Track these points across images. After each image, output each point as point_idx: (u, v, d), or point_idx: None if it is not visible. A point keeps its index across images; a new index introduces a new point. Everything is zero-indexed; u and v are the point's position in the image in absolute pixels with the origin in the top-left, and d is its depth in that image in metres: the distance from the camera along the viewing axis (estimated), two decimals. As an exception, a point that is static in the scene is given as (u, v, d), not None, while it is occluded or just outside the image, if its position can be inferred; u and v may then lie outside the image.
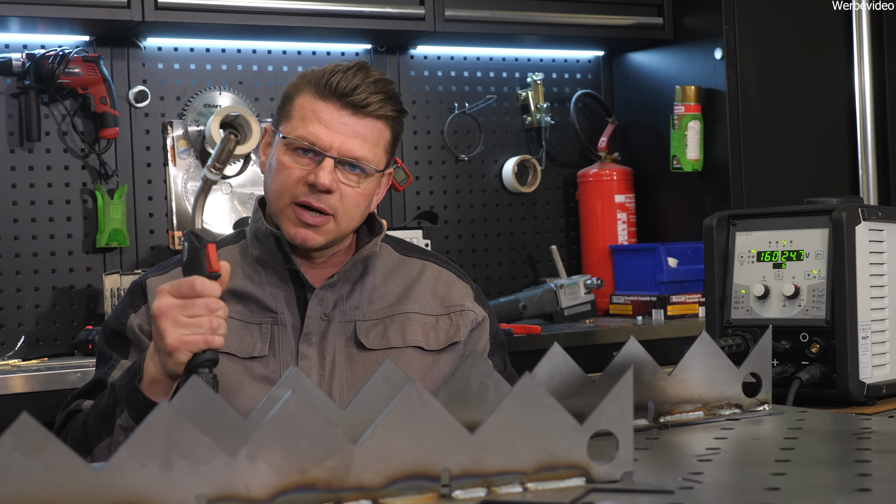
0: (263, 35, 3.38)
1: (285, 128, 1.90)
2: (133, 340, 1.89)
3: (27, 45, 3.16)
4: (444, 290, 2.01)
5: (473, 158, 3.77)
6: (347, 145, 1.85)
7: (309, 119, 1.86)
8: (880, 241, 1.96)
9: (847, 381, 1.89)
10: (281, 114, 1.93)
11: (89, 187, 3.23)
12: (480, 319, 2.03)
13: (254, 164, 3.41)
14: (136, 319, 1.89)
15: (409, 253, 2.05)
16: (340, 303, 1.93)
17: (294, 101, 1.90)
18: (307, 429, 0.97)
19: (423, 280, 2.01)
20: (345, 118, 1.86)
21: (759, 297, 2.00)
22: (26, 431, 0.87)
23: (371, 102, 1.86)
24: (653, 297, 3.51)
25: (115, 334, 1.91)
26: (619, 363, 1.41)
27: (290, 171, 1.86)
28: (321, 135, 1.85)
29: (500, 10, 3.47)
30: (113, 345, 1.91)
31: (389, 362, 1.34)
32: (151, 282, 1.92)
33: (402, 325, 1.95)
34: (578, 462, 1.09)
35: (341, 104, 1.86)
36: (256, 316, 1.90)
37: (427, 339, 1.96)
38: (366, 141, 1.87)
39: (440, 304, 2.00)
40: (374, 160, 1.89)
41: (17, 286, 3.15)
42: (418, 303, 1.98)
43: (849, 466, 1.18)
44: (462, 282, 2.05)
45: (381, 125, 1.90)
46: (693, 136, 3.57)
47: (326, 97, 1.87)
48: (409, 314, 1.96)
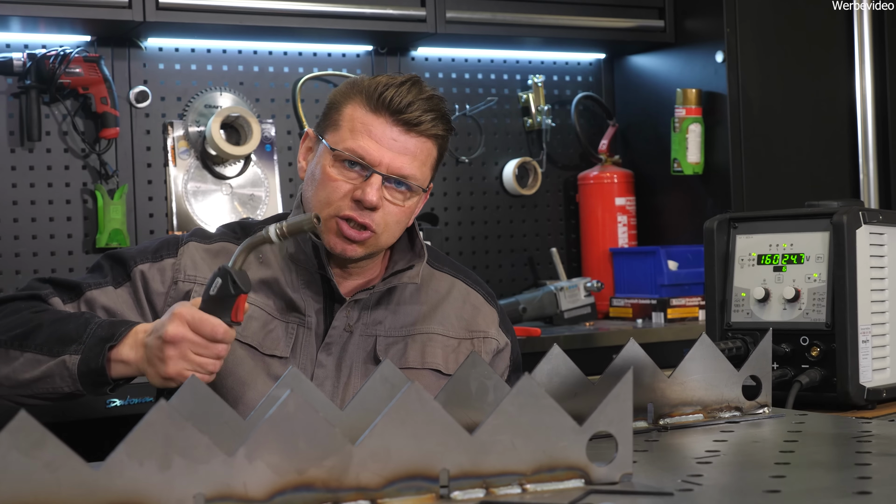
0: (264, 36, 3.38)
1: (333, 138, 1.86)
2: (131, 280, 1.87)
3: (28, 45, 3.16)
4: (470, 313, 1.99)
5: (474, 160, 3.77)
6: (397, 163, 1.82)
7: (359, 132, 1.82)
8: (881, 245, 1.96)
9: (847, 385, 1.88)
10: (327, 121, 1.89)
11: (90, 187, 3.23)
12: (502, 347, 2.00)
13: (254, 166, 3.41)
14: (148, 270, 1.87)
15: (440, 266, 2.02)
16: (364, 315, 1.91)
17: (343, 110, 1.86)
18: (306, 428, 0.97)
19: (449, 300, 1.98)
20: (396, 135, 1.82)
21: (759, 301, 2.00)
22: (24, 429, 0.87)
23: (424, 121, 1.83)
24: (653, 300, 3.50)
25: (122, 262, 1.89)
26: (619, 365, 1.40)
27: (337, 185, 1.83)
28: (371, 150, 1.81)
29: (501, 13, 3.47)
30: (113, 268, 1.88)
31: (388, 363, 1.34)
32: (193, 246, 1.91)
33: (422, 345, 1.92)
34: (577, 463, 1.08)
35: (394, 120, 1.82)
36: (284, 314, 1.88)
37: (447, 362, 1.93)
38: (415, 159, 1.84)
39: (465, 327, 1.97)
40: (421, 178, 1.86)
41: (17, 285, 3.14)
42: (442, 324, 1.95)
43: (848, 469, 1.17)
44: (489, 306, 2.02)
45: (430, 144, 1.87)
46: (694, 139, 3.57)
47: (379, 111, 1.83)
48: (432, 335, 1.94)
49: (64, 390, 1.73)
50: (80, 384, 1.71)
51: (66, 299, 1.85)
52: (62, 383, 1.72)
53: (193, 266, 1.89)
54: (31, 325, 1.75)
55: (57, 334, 1.72)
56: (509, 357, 2.02)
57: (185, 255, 1.90)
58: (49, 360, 1.71)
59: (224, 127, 3.33)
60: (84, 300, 1.85)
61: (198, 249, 1.91)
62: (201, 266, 1.89)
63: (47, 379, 1.72)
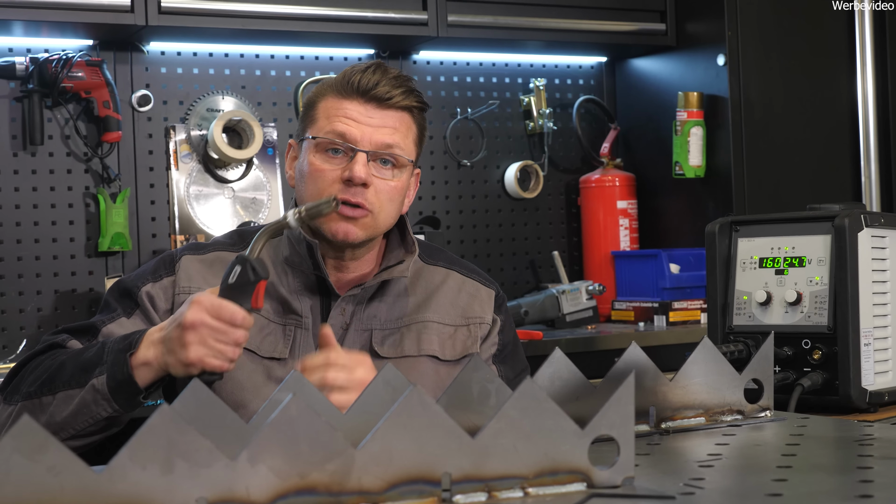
0: (266, 40, 3.39)
1: (312, 131, 1.91)
2: (140, 306, 1.90)
3: (31, 49, 3.16)
4: (466, 300, 2.00)
5: (476, 164, 3.78)
6: (378, 136, 1.87)
7: (335, 117, 1.88)
8: (882, 248, 1.96)
9: (849, 388, 1.88)
10: (305, 122, 1.94)
11: (92, 191, 3.23)
12: (493, 324, 2.01)
13: (256, 169, 3.41)
14: (151, 289, 1.90)
15: (434, 261, 2.04)
16: (359, 311, 1.93)
17: (317, 105, 1.92)
18: (308, 432, 0.97)
19: (444, 289, 2.00)
20: (371, 111, 1.88)
21: (761, 304, 2.00)
22: (27, 433, 0.87)
23: (394, 95, 1.89)
24: (655, 304, 3.50)
25: (127, 292, 1.91)
26: (621, 368, 1.40)
27: (324, 173, 1.87)
28: (350, 129, 1.87)
29: (502, 16, 3.48)
30: (120, 300, 1.91)
31: (391, 366, 1.34)
32: (186, 260, 1.93)
33: (418, 333, 1.94)
34: (579, 467, 1.08)
35: (365, 99, 1.88)
36: (281, 317, 1.91)
37: (443, 348, 1.95)
38: (396, 131, 1.89)
39: (460, 314, 1.99)
40: (406, 149, 1.91)
41: (20, 289, 3.15)
42: (437, 312, 1.97)
43: (850, 473, 1.17)
44: (486, 288, 2.04)
45: (407, 117, 1.92)
46: (695, 142, 3.57)
47: (350, 95, 1.89)
48: (427, 323, 1.96)
49: (102, 415, 1.75)
50: (114, 403, 1.73)
51: (84, 341, 1.87)
52: (98, 408, 1.74)
53: (188, 279, 1.92)
54: (54, 368, 1.78)
55: (80, 366, 1.75)
56: (497, 333, 2.01)
57: (181, 270, 1.92)
58: (79, 391, 1.74)
59: (226, 130, 3.33)
60: (101, 336, 1.87)
61: (192, 262, 1.94)
62: (195, 277, 1.92)
63: (84, 410, 1.74)
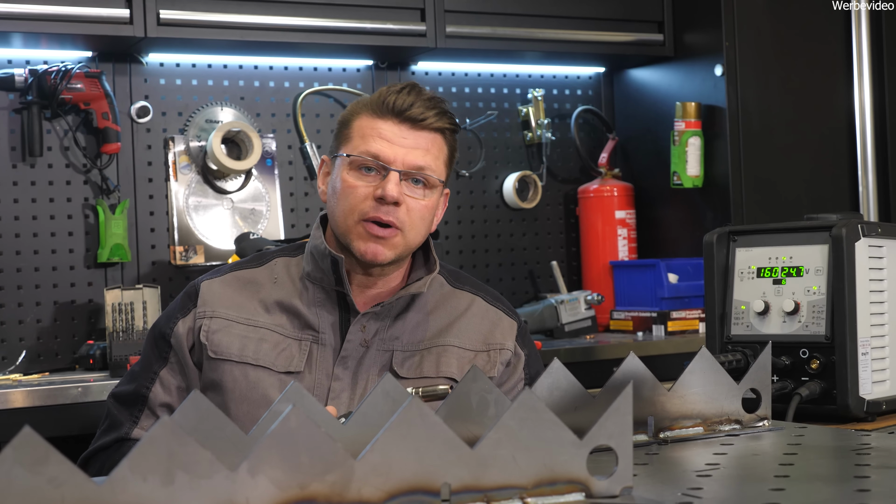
0: (265, 51, 3.40)
1: (347, 149, 1.94)
2: (175, 348, 1.93)
3: (30, 61, 3.17)
4: (488, 327, 2.02)
5: (474, 174, 3.78)
6: (410, 157, 1.90)
7: (370, 136, 1.91)
8: (880, 258, 1.96)
9: (847, 398, 1.89)
10: (339, 139, 1.97)
11: (91, 202, 3.24)
12: (516, 359, 2.02)
13: (255, 180, 3.42)
14: (182, 326, 1.94)
15: (460, 286, 2.06)
16: (382, 332, 1.94)
17: (352, 124, 1.95)
18: (308, 443, 0.98)
19: (468, 315, 2.02)
20: (405, 132, 1.91)
21: (759, 313, 2.00)
22: (28, 445, 0.88)
23: (427, 116, 1.92)
24: (653, 313, 3.51)
25: (161, 336, 1.96)
26: (619, 378, 1.41)
27: (357, 189, 1.90)
28: (384, 149, 1.90)
29: (500, 27, 3.49)
30: (155, 347, 1.96)
31: (390, 377, 1.35)
32: (205, 286, 1.97)
33: (438, 356, 1.96)
34: (578, 477, 1.09)
35: (399, 120, 1.91)
36: (297, 332, 1.93)
37: (461, 371, 1.95)
38: (427, 152, 1.92)
39: (482, 340, 2.00)
40: (437, 170, 1.94)
41: (19, 301, 3.15)
42: (459, 337, 1.99)
43: (848, 482, 1.18)
44: (509, 319, 2.05)
45: (439, 138, 1.95)
46: (693, 152, 3.57)
47: (384, 115, 1.92)
48: (447, 347, 1.97)
49: None
50: None
51: (137, 418, 1.93)
52: None
53: (204, 303, 1.95)
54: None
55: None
56: (522, 369, 2.03)
57: (200, 296, 1.96)
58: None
59: (225, 142, 3.34)
60: (149, 408, 1.93)
61: (210, 285, 1.97)
62: (211, 300, 1.95)
63: None
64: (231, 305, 1.94)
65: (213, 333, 1.91)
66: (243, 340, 1.90)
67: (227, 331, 1.91)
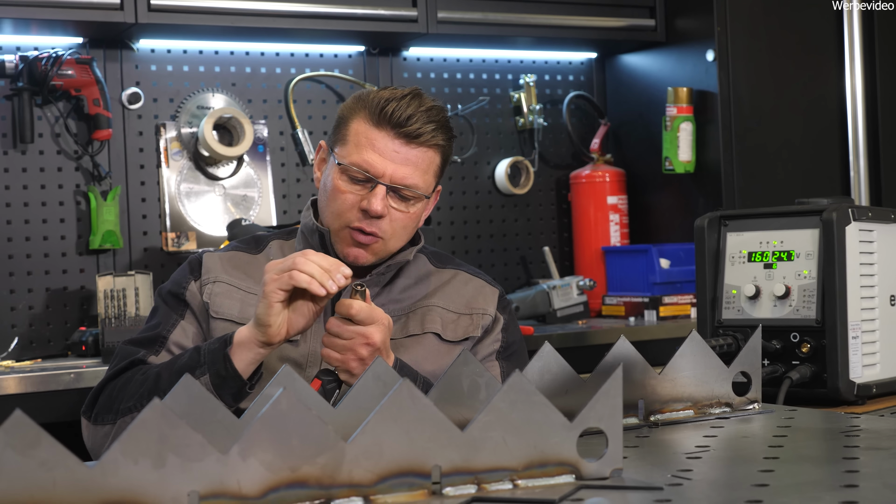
0: (256, 37, 3.39)
1: (340, 151, 1.98)
2: (190, 304, 1.99)
3: (20, 47, 3.16)
4: (471, 293, 2.08)
5: (466, 160, 3.78)
6: (399, 173, 1.94)
7: (363, 146, 1.94)
8: (870, 242, 1.97)
9: (837, 381, 1.90)
10: (336, 135, 2.01)
11: (82, 189, 3.23)
12: (495, 321, 2.07)
13: (247, 166, 3.42)
14: (194, 287, 2.00)
15: (443, 265, 2.12)
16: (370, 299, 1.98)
17: (349, 125, 1.98)
18: (299, 426, 0.98)
19: (452, 283, 2.09)
20: (398, 147, 1.94)
21: (750, 298, 2.01)
22: (19, 428, 0.88)
23: (424, 133, 1.95)
24: (645, 298, 3.51)
25: (174, 296, 2.01)
26: (610, 362, 1.41)
27: (345, 197, 1.95)
28: (375, 163, 1.93)
29: (492, 12, 3.48)
30: (172, 305, 2.00)
31: (381, 360, 1.35)
32: (207, 256, 2.05)
33: (422, 315, 2.02)
34: (568, 459, 1.09)
35: (395, 133, 1.94)
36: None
37: (445, 329, 2.02)
38: (417, 169, 1.96)
39: (465, 304, 2.06)
40: (424, 187, 1.98)
41: (11, 287, 3.15)
42: (442, 299, 2.05)
43: (836, 463, 1.18)
44: (491, 287, 2.11)
45: (431, 153, 1.98)
46: (685, 137, 3.58)
47: (381, 125, 1.94)
48: (431, 307, 2.04)
49: None
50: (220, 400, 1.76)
51: (156, 352, 1.95)
52: None
53: (208, 271, 2.02)
54: (151, 380, 1.84)
55: (178, 373, 1.79)
56: (501, 331, 2.07)
57: (204, 264, 2.03)
58: None
59: (216, 128, 3.34)
60: (170, 345, 1.96)
61: (212, 257, 2.05)
62: (213, 269, 2.02)
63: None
64: (233, 275, 2.01)
65: (215, 296, 1.98)
66: (243, 304, 1.97)
67: (228, 294, 1.99)
